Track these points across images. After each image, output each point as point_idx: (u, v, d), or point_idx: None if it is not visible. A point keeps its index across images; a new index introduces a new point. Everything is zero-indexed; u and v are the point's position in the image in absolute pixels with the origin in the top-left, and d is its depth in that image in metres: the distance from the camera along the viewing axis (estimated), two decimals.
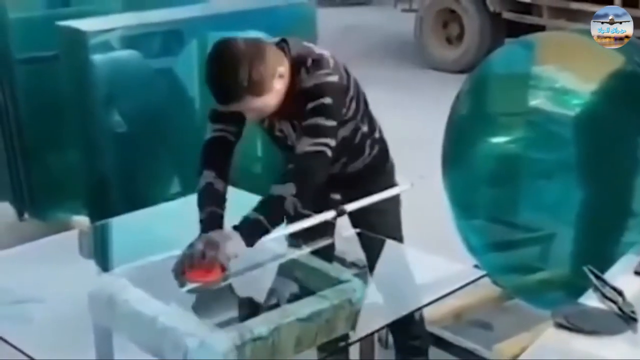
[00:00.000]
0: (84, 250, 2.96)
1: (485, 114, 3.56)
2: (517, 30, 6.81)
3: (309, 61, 2.52)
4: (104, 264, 2.87)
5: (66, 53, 3.82)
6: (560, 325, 2.10)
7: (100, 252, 3.04)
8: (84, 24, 3.73)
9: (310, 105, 2.48)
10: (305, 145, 2.46)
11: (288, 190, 2.41)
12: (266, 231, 2.42)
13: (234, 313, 2.42)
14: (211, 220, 2.51)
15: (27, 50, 4.06)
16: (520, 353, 2.41)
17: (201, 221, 2.51)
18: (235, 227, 2.41)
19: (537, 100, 3.41)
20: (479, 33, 7.95)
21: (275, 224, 2.45)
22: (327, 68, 2.52)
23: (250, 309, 2.39)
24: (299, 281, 2.61)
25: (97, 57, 3.68)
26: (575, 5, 7.11)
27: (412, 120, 6.13)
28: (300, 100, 2.50)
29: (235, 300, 2.49)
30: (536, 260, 3.36)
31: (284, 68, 2.49)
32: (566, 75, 3.36)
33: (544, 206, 3.30)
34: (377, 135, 2.84)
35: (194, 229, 2.50)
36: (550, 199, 3.29)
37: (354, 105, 2.66)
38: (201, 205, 2.55)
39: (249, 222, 2.41)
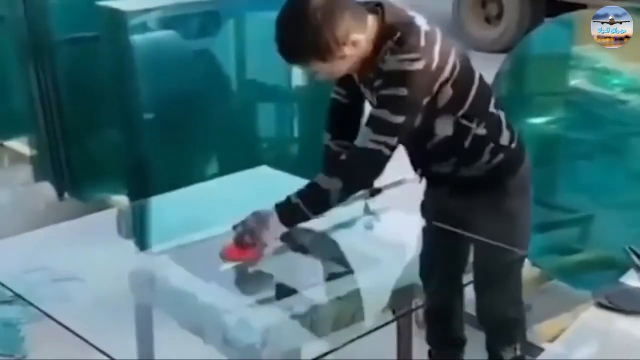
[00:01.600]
0: (123, 230, 2.97)
1: (524, 94, 3.54)
2: (556, 9, 6.73)
3: (395, 37, 2.27)
4: (143, 243, 2.89)
5: (106, 33, 3.83)
6: (601, 305, 2.08)
7: (138, 231, 3.06)
8: (124, 4, 3.74)
9: (383, 91, 2.28)
10: (365, 139, 2.28)
11: (335, 185, 2.28)
12: (306, 218, 2.35)
13: (272, 291, 2.43)
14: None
15: (67, 31, 4.09)
16: (559, 334, 2.38)
17: None
18: (276, 206, 2.35)
19: (577, 80, 3.38)
20: (518, 12, 7.87)
21: (316, 214, 2.35)
22: (414, 51, 2.25)
23: (288, 287, 2.40)
24: (337, 260, 2.61)
25: (137, 38, 3.69)
26: None
27: None
28: (377, 78, 2.32)
29: (273, 278, 2.50)
30: (575, 242, 3.34)
31: (361, 36, 2.27)
32: (607, 55, 3.32)
33: (584, 187, 3.27)
34: (503, 141, 2.51)
35: (232, 208, 2.51)
36: (589, 179, 3.26)
37: (448, 90, 2.35)
38: None
39: (290, 206, 2.33)
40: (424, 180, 2.64)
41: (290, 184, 2.68)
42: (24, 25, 4.13)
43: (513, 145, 2.54)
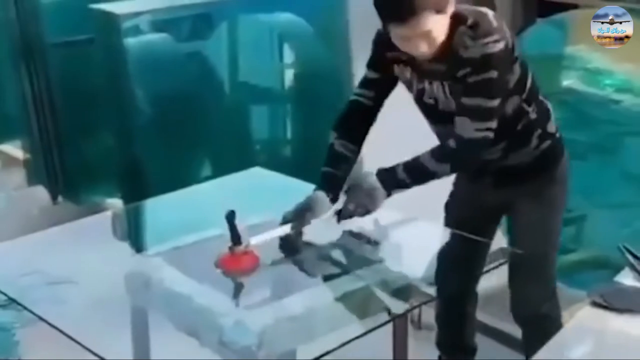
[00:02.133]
0: (118, 232, 2.97)
1: None
2: (548, 9, 6.74)
3: (469, 23, 2.31)
4: (138, 246, 2.88)
5: (99, 36, 3.84)
6: (596, 304, 2.09)
7: (134, 233, 3.06)
8: (117, 7, 3.74)
9: (473, 78, 2.30)
10: (470, 130, 2.32)
11: (443, 170, 2.38)
12: (407, 188, 2.40)
13: (268, 293, 2.43)
14: (323, 180, 2.51)
15: (60, 34, 4.09)
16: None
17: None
18: (380, 175, 2.40)
19: (570, 81, 3.39)
20: (510, 12, 7.88)
21: (417, 185, 2.41)
22: (494, 33, 2.28)
23: (284, 288, 2.40)
24: (334, 261, 2.61)
25: (130, 40, 3.70)
26: None
27: None
28: (457, 65, 2.33)
29: (269, 279, 2.50)
30: (570, 241, 3.34)
31: (450, 8, 2.30)
32: (599, 55, 3.33)
33: (577, 187, 3.28)
34: (550, 129, 2.57)
35: (226, 210, 2.50)
36: (582, 179, 3.27)
37: (517, 70, 2.41)
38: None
39: (395, 177, 2.39)
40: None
41: (284, 185, 2.70)
42: (17, 27, 4.14)
43: (558, 134, 2.60)
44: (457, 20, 2.31)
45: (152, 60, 3.80)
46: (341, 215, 2.43)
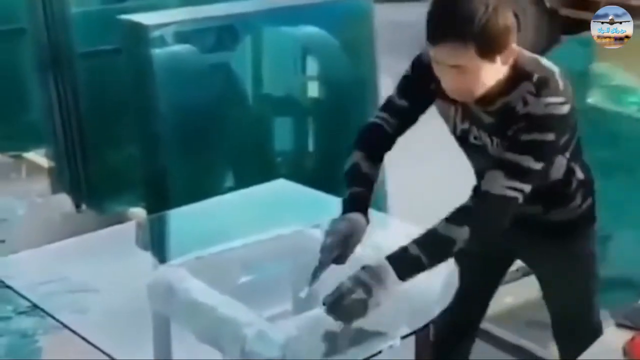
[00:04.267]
0: (141, 242, 2.98)
1: None
2: (573, 27, 6.73)
3: (535, 79, 2.12)
4: (161, 256, 2.90)
5: (127, 47, 3.86)
6: (621, 325, 2.08)
7: (157, 243, 3.07)
8: (145, 18, 3.77)
9: (524, 136, 2.08)
10: (500, 185, 2.07)
11: (462, 235, 2.07)
12: (423, 270, 2.11)
13: (291, 304, 2.43)
14: (352, 200, 2.30)
15: (88, 44, 4.13)
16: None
17: (343, 201, 2.30)
18: (390, 258, 2.10)
19: (594, 98, 3.38)
20: (535, 30, 7.87)
21: (435, 264, 2.11)
22: (559, 95, 2.09)
23: (308, 300, 2.40)
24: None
25: (158, 51, 3.72)
26: (635, 2, 6.99)
27: None
28: (511, 121, 2.12)
29: (292, 291, 2.50)
30: None
31: (513, 57, 2.12)
32: (623, 73, 3.32)
33: (602, 206, 3.27)
34: (595, 186, 2.45)
35: (251, 221, 2.51)
36: (606, 198, 3.25)
37: (568, 133, 2.20)
38: (347, 185, 2.34)
39: (407, 257, 2.09)
40: None
41: (308, 197, 2.69)
42: (45, 37, 4.18)
43: (595, 189, 2.47)
44: (519, 72, 2.14)
45: (178, 71, 3.82)
46: (331, 296, 2.08)
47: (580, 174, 2.36)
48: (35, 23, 4.22)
